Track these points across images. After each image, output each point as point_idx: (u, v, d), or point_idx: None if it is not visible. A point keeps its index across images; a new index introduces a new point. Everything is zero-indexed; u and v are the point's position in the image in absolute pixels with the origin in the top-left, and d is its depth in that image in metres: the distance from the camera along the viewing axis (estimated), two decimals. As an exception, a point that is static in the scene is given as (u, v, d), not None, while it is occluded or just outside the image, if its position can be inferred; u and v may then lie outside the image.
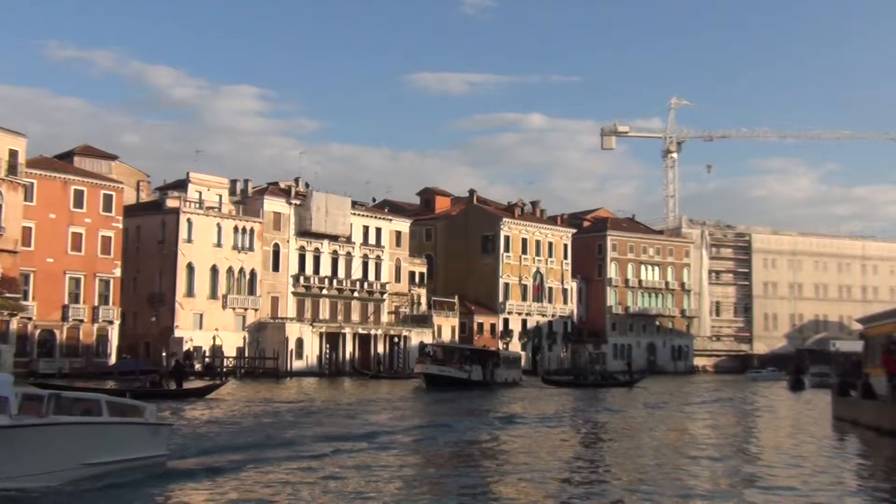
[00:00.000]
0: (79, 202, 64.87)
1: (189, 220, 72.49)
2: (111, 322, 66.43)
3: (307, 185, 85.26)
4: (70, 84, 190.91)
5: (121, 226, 67.76)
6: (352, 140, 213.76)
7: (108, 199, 66.86)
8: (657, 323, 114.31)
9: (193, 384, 46.28)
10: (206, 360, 70.17)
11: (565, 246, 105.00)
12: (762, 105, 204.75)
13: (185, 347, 69.67)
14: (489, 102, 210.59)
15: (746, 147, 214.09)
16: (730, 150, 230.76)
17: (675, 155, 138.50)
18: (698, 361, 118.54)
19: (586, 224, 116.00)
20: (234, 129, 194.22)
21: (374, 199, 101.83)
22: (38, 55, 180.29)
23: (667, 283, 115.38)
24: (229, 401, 40.94)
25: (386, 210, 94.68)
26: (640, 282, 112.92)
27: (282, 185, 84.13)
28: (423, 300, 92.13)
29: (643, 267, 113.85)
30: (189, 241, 72.37)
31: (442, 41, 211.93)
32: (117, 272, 67.18)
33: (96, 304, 65.52)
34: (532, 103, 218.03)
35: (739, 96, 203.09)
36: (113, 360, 65.52)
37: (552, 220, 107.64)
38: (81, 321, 64.47)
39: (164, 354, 67.47)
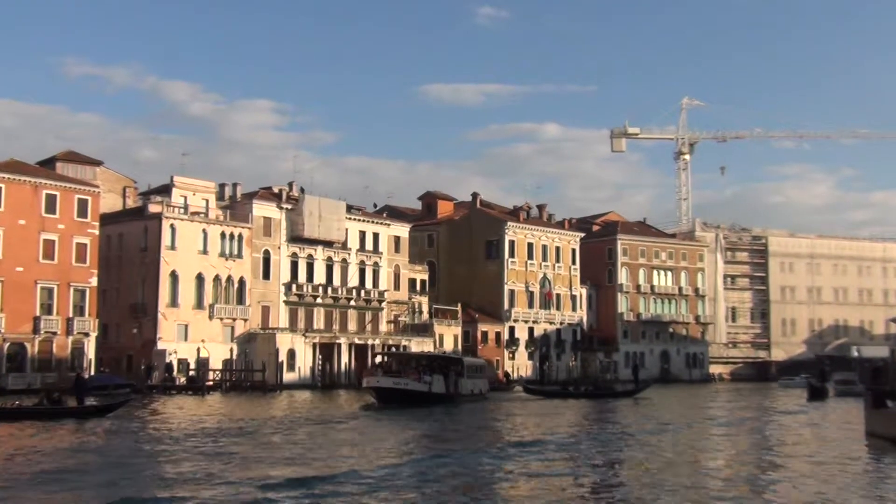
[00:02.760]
0: (51, 207, 60.99)
1: (172, 226, 68.62)
2: (87, 334, 62.40)
3: (302, 190, 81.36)
4: (87, 100, 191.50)
5: (97, 232, 63.75)
6: (368, 152, 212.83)
7: (83, 204, 62.91)
8: (671, 330, 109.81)
9: (100, 400, 41.67)
10: (191, 373, 66.24)
11: (573, 251, 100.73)
12: (777, 109, 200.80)
13: (168, 360, 65.88)
14: (504, 113, 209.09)
15: (762, 153, 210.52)
16: (745, 156, 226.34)
17: (687, 157, 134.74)
18: (714, 369, 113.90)
19: (596, 228, 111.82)
20: (251, 143, 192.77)
21: (375, 205, 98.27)
22: (55, 72, 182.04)
23: (680, 289, 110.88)
24: (145, 419, 36.95)
25: (384, 215, 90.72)
26: (652, 287, 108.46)
27: (274, 190, 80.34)
28: (425, 308, 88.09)
29: (655, 272, 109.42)
30: (172, 248, 68.48)
31: (456, 52, 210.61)
32: (93, 281, 63.21)
33: (71, 315, 61.48)
34: (547, 113, 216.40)
35: (754, 99, 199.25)
36: (90, 374, 61.62)
37: (560, 225, 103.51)
38: (55, 333, 60.48)
39: (143, 367, 63.91)
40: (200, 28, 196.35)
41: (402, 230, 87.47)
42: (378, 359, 59.69)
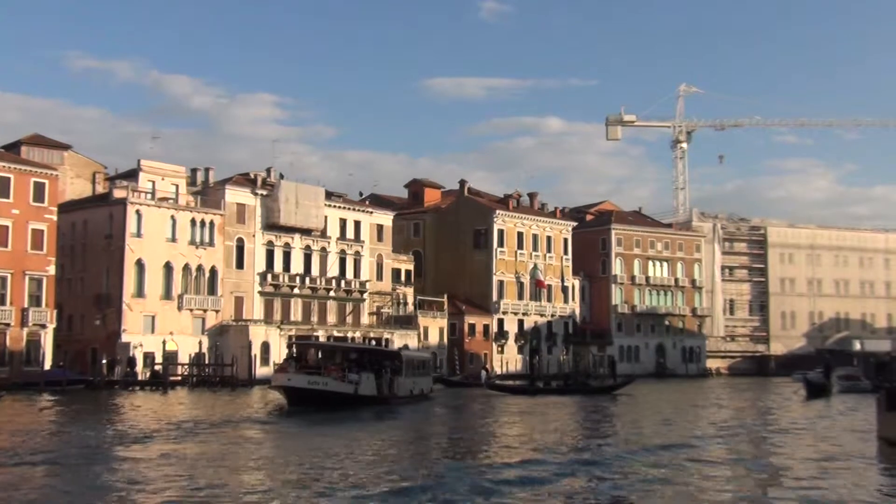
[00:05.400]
0: (4, 191, 57.22)
1: (138, 212, 64.85)
2: (44, 326, 58.61)
3: (281, 176, 77.69)
4: (90, 94, 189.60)
5: (55, 217, 59.85)
6: (369, 146, 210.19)
7: (39, 187, 59.05)
8: (666, 323, 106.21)
9: None
10: (156, 367, 62.62)
11: (565, 240, 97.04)
12: (777, 100, 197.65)
13: (132, 353, 62.27)
14: (506, 107, 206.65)
15: (762, 147, 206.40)
16: (745, 150, 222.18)
17: (684, 145, 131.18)
18: (711, 363, 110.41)
19: (589, 218, 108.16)
20: (252, 137, 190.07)
21: (360, 194, 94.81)
22: (58, 66, 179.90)
23: (676, 280, 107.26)
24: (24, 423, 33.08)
25: (367, 202, 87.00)
26: (647, 279, 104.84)
27: (250, 175, 76.61)
28: (410, 300, 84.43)
29: (651, 263, 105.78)
30: (138, 235, 64.72)
31: (459, 46, 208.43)
32: (51, 269, 59.39)
33: (26, 305, 57.76)
34: (549, 107, 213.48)
35: (754, 90, 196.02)
36: (47, 368, 58.03)
37: (551, 214, 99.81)
38: (8, 325, 56.67)
39: (103, 362, 60.22)
40: (202, 22, 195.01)
41: (386, 218, 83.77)
42: (294, 349, 48.64)
